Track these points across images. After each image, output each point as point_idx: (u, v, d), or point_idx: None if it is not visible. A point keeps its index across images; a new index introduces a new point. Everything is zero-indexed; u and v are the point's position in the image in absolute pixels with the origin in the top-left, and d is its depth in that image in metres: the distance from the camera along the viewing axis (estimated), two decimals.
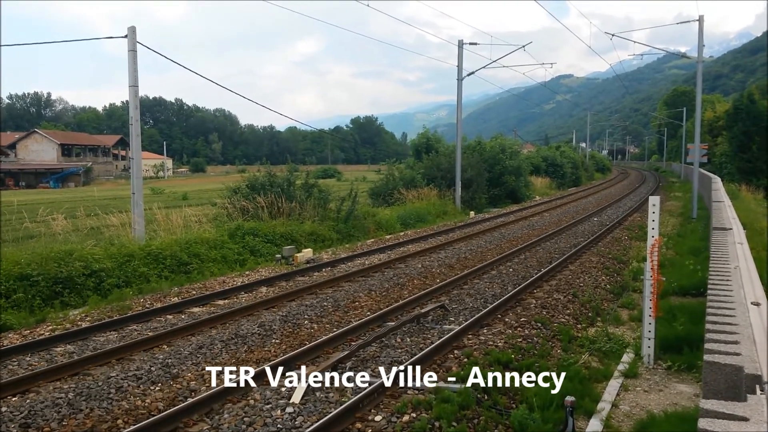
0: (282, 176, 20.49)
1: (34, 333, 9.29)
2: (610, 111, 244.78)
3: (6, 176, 76.40)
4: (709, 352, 3.25)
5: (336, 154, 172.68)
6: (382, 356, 8.01)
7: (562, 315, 10.24)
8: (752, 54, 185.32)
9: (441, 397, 6.43)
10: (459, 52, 29.68)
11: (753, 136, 43.01)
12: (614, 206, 30.90)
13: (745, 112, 43.74)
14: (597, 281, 12.96)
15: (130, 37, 15.05)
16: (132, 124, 15.39)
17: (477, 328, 9.21)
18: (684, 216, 25.32)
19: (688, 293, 10.84)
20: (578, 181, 56.05)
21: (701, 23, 24.36)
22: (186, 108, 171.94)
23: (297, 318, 9.98)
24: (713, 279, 5.41)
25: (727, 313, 4.05)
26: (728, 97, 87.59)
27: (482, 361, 7.61)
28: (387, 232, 21.48)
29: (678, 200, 34.20)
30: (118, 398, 6.70)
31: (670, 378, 7.40)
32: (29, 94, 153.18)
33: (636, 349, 8.23)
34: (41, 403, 6.50)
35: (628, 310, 10.82)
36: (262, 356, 8.17)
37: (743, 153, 43.79)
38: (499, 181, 33.83)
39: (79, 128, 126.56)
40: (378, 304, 11.02)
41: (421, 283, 12.71)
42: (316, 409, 6.34)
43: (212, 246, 14.82)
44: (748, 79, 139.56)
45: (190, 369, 7.64)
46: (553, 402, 6.35)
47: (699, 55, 25.08)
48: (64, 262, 11.43)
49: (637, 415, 6.40)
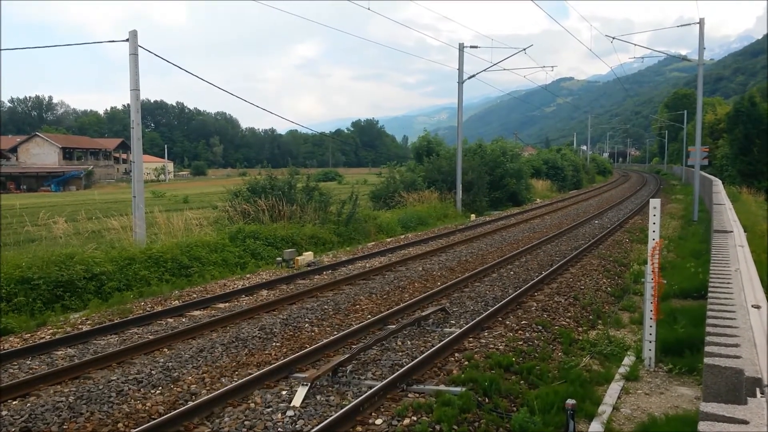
0: (283, 179, 20.52)
1: (34, 336, 9.29)
2: (610, 114, 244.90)
3: (7, 179, 76.50)
4: (709, 355, 3.24)
5: (337, 157, 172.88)
6: (382, 359, 8.00)
7: (563, 318, 10.23)
8: (753, 56, 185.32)
9: (442, 401, 6.42)
10: (460, 55, 29.72)
11: (754, 139, 43.00)
12: (615, 209, 30.89)
13: (746, 114, 43.73)
14: (598, 284, 12.95)
15: (131, 40, 15.08)
16: (133, 128, 15.42)
17: (478, 331, 9.21)
18: (685, 219, 25.31)
19: (689, 296, 10.83)
20: (579, 184, 56.06)
21: (702, 26, 24.39)
22: (187, 111, 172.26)
23: (298, 321, 9.98)
24: (714, 282, 5.40)
25: (727, 316, 4.05)
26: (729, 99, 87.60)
27: (483, 364, 7.61)
28: (388, 235, 21.48)
29: (679, 203, 34.18)
30: (119, 402, 6.69)
31: (671, 381, 7.39)
32: (30, 98, 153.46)
33: (637, 351, 8.22)
34: (42, 406, 6.50)
35: (629, 312, 10.81)
36: (263, 359, 8.16)
37: (744, 155, 43.77)
38: (500, 183, 33.83)
39: (80, 132, 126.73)
40: (379, 307, 11.01)
41: (422, 286, 12.71)
42: (316, 412, 6.34)
43: (213, 249, 14.82)
44: (749, 82, 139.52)
45: (191, 372, 7.63)
46: (554, 405, 6.34)
47: (700, 57, 25.11)
48: (65, 266, 11.44)
49: (638, 418, 6.39)
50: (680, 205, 32.33)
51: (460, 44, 29.65)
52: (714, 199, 18.12)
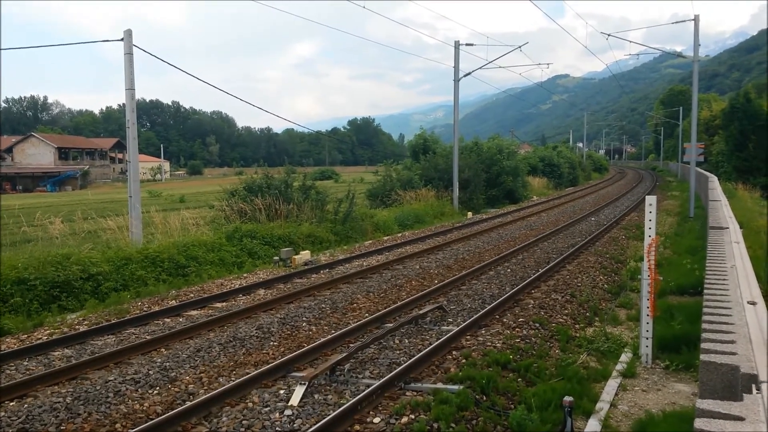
0: (279, 178, 20.50)
1: (31, 337, 9.27)
2: (606, 111, 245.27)
3: (3, 180, 76.27)
4: (705, 351, 3.26)
5: (333, 155, 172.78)
6: (380, 358, 8.01)
7: (560, 315, 10.25)
8: (748, 53, 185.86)
9: (439, 398, 6.43)
10: (455, 53, 29.71)
11: (749, 135, 43.14)
12: (611, 206, 30.95)
13: (742, 110, 43.86)
14: (595, 281, 12.97)
15: (126, 40, 15.04)
16: (129, 128, 15.39)
17: (475, 329, 9.22)
18: (681, 215, 25.38)
19: (686, 292, 10.86)
20: (575, 181, 56.14)
21: (697, 23, 24.43)
22: (183, 111, 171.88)
23: (295, 320, 9.98)
24: (710, 278, 5.42)
25: (723, 313, 4.06)
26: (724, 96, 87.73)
27: (481, 362, 7.62)
28: (385, 233, 21.48)
29: (675, 199, 34.28)
30: (117, 402, 6.68)
31: (668, 377, 7.41)
32: (26, 98, 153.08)
33: (634, 348, 8.25)
34: (39, 407, 6.49)
35: (626, 309, 10.83)
36: (261, 359, 8.16)
37: (740, 152, 43.91)
38: (497, 181, 33.85)
39: (75, 132, 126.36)
40: (376, 305, 11.02)
41: (419, 285, 12.72)
42: (314, 411, 6.34)
43: (210, 249, 14.80)
44: (744, 78, 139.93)
45: (189, 372, 7.63)
46: (551, 402, 6.36)
47: (695, 54, 25.16)
48: (61, 266, 11.41)
49: (636, 414, 6.41)
50: (676, 202, 32.42)
51: (455, 42, 29.63)
52: (710, 195, 18.17)
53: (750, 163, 42.82)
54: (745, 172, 42.40)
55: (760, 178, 40.83)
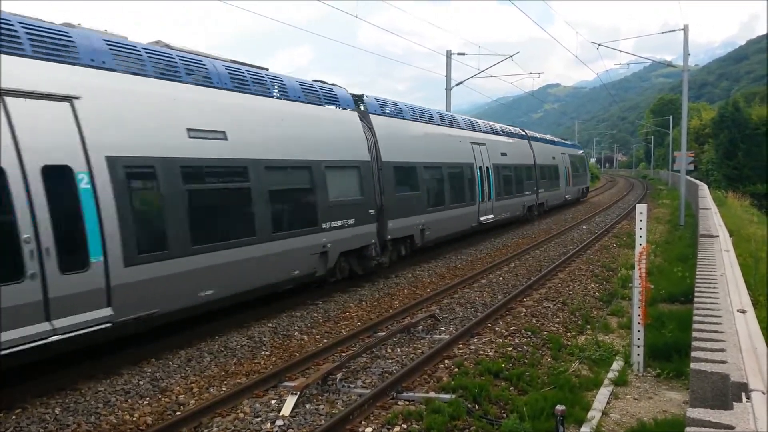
0: None
1: None
2: (597, 120, 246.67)
3: None
4: (696, 360, 3.27)
5: None
6: (372, 367, 7.98)
7: (552, 323, 10.26)
8: (737, 62, 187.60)
9: (431, 408, 6.42)
10: (447, 62, 29.84)
11: (739, 144, 43.58)
12: (602, 214, 31.07)
13: (731, 119, 44.32)
14: (586, 289, 13.01)
15: None
16: None
17: (467, 338, 9.21)
18: (672, 223, 25.50)
19: (677, 300, 10.89)
20: None
21: (686, 32, 24.66)
22: None
23: (287, 329, 9.93)
24: (700, 286, 5.45)
25: (713, 321, 4.08)
26: (714, 104, 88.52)
27: (473, 371, 7.61)
28: None
29: (666, 207, 34.44)
30: (106, 413, 6.62)
31: (660, 385, 7.42)
32: None
33: (625, 356, 8.26)
34: (27, 419, 6.42)
35: (618, 317, 10.86)
36: (252, 368, 8.12)
37: (729, 160, 44.33)
38: None
39: None
40: (368, 314, 10.99)
41: (412, 293, 12.70)
42: (306, 421, 6.30)
43: None
44: (733, 87, 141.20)
45: (179, 382, 7.57)
46: (543, 411, 6.35)
47: (684, 63, 25.38)
48: None
49: (628, 422, 6.41)
50: (667, 210, 32.57)
51: (447, 51, 29.77)
52: (700, 203, 18.30)
53: (740, 172, 43.23)
54: (734, 180, 42.79)
55: (750, 185, 41.20)
